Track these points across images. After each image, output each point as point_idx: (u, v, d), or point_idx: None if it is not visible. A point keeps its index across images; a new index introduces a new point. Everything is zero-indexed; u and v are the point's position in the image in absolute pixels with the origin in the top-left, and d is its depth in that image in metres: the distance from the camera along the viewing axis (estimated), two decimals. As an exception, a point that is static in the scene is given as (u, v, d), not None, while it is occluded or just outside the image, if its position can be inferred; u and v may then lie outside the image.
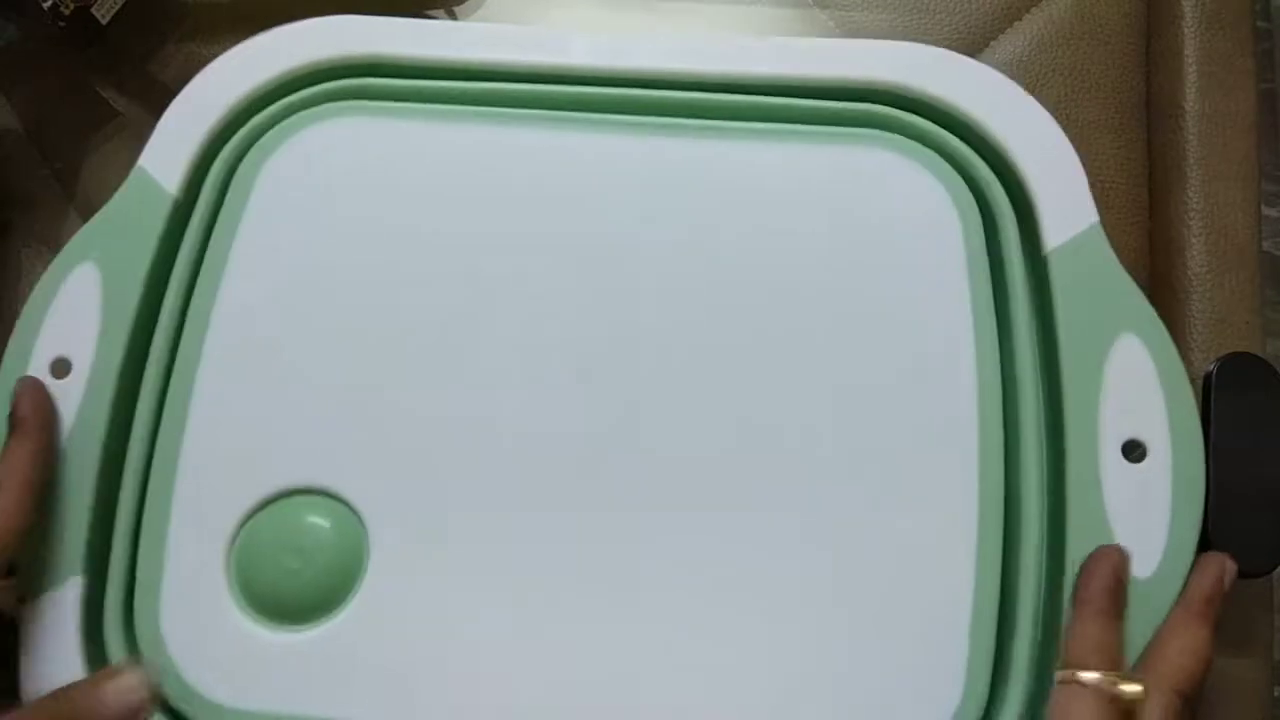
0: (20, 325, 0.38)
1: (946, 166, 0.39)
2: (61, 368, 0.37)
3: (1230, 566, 0.34)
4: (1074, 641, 0.32)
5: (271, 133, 0.40)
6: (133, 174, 0.40)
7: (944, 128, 0.39)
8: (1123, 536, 0.34)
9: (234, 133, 0.41)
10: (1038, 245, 0.37)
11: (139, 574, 0.36)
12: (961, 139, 0.39)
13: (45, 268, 0.39)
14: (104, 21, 0.47)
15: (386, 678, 0.34)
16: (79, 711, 0.31)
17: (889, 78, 0.39)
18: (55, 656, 0.35)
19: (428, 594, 0.35)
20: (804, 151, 0.39)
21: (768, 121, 0.40)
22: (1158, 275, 0.43)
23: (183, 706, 0.34)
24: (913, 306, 0.37)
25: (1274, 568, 0.35)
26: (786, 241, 0.38)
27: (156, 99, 0.47)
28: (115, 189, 0.40)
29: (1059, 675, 0.32)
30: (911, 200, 0.38)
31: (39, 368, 0.37)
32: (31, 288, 0.39)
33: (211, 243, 0.39)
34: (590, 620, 0.35)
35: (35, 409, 0.35)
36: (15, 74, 0.49)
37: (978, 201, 0.38)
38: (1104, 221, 0.37)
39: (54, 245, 0.46)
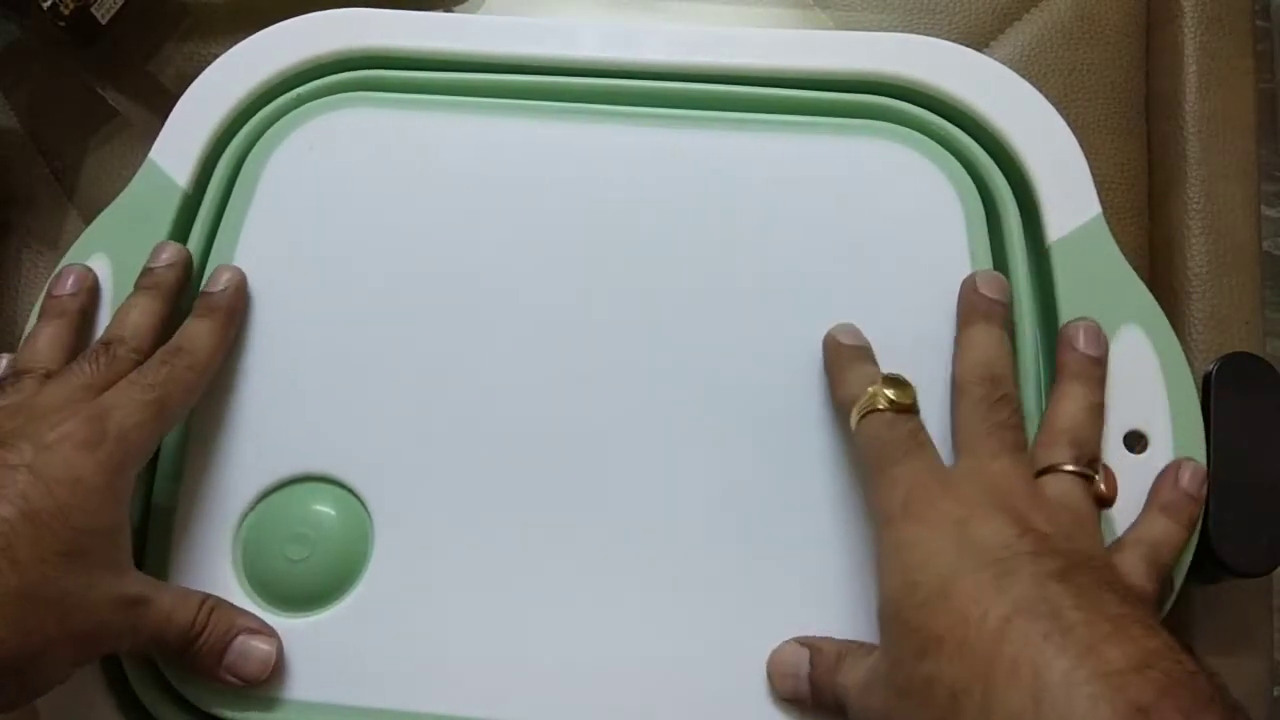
0: (36, 316, 0.38)
1: (950, 158, 0.39)
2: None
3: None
4: (839, 384, 0.34)
5: (279, 125, 0.40)
6: (143, 166, 0.40)
7: (948, 120, 0.39)
8: (1124, 527, 0.34)
9: (243, 125, 0.41)
10: (1040, 237, 0.37)
11: (146, 561, 0.36)
12: (965, 131, 0.39)
13: (45, 267, 0.39)
14: (103, 21, 0.47)
15: (391, 663, 0.34)
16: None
17: (893, 70, 0.40)
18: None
19: (432, 580, 0.35)
20: (809, 143, 0.39)
21: (772, 113, 0.40)
22: (1158, 275, 0.43)
23: (189, 692, 0.34)
24: (916, 297, 0.37)
25: (1274, 568, 0.35)
26: (791, 232, 0.38)
27: (156, 98, 0.47)
28: (115, 188, 0.40)
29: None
30: (915, 192, 0.38)
31: None
32: (31, 286, 0.39)
33: (220, 233, 0.39)
34: (593, 605, 0.35)
35: (234, 293, 0.37)
36: (15, 74, 0.49)
37: (981, 193, 0.38)
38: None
39: (54, 244, 0.46)
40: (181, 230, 0.39)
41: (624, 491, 0.36)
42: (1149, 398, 0.35)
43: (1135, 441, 0.35)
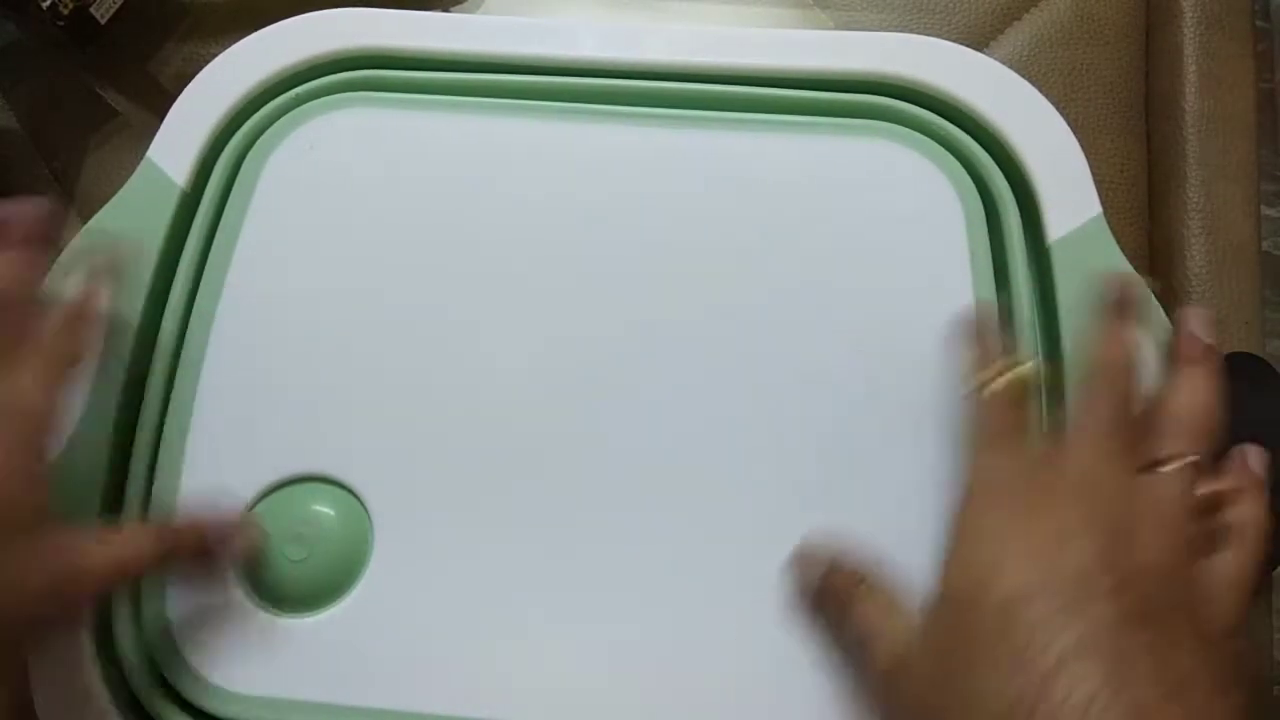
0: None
1: (950, 158, 0.39)
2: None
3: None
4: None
5: (278, 124, 0.40)
6: (141, 165, 0.40)
7: (948, 120, 0.39)
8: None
9: (241, 125, 0.41)
10: (1040, 237, 0.37)
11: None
12: (965, 131, 0.39)
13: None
14: (102, 21, 0.47)
15: (391, 663, 0.34)
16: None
17: (893, 70, 0.40)
18: (63, 644, 0.35)
19: (431, 580, 0.35)
20: (809, 143, 0.39)
21: (772, 113, 0.40)
22: (1158, 275, 0.43)
23: (189, 692, 0.34)
24: (915, 297, 0.37)
25: (1273, 568, 0.35)
26: (791, 233, 0.38)
27: (156, 98, 0.47)
28: (115, 187, 0.40)
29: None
30: (915, 192, 0.38)
31: None
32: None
33: (218, 233, 0.39)
34: (593, 605, 0.35)
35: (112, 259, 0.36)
36: (15, 74, 0.49)
37: (981, 193, 0.38)
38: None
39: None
40: (180, 229, 0.39)
41: (624, 492, 0.36)
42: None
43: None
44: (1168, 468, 0.29)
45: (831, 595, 0.32)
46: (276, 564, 0.35)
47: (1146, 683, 0.24)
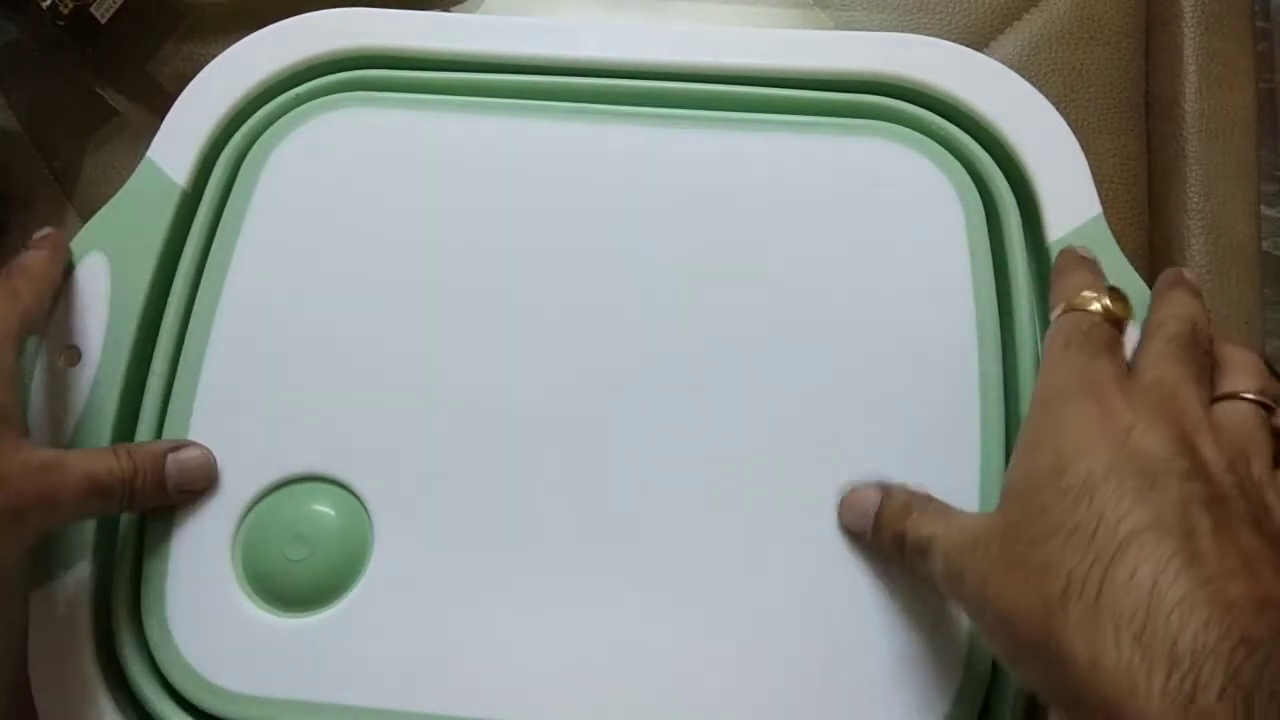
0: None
1: (950, 158, 0.39)
2: (71, 356, 0.38)
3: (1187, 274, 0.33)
4: (1059, 285, 0.33)
5: (278, 124, 0.41)
6: (141, 165, 0.40)
7: (948, 120, 0.40)
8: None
9: (241, 124, 0.41)
10: (1040, 236, 0.37)
11: (146, 560, 0.36)
12: (965, 131, 0.39)
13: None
14: (102, 21, 0.47)
15: (391, 663, 0.34)
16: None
17: (893, 70, 0.40)
18: (63, 643, 0.35)
19: (432, 580, 0.35)
20: (809, 143, 0.39)
21: (772, 113, 0.40)
22: (1158, 275, 0.42)
23: (189, 692, 0.34)
24: (915, 297, 0.37)
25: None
26: (791, 233, 0.38)
27: (156, 98, 0.47)
28: (115, 187, 0.40)
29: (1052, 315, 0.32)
30: (915, 191, 0.38)
31: (49, 357, 0.37)
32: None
33: (218, 233, 0.39)
34: (594, 605, 0.35)
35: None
36: (15, 74, 0.49)
37: (981, 193, 0.38)
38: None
39: (53, 244, 0.46)
40: (180, 229, 0.39)
41: (625, 491, 0.36)
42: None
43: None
44: (1246, 398, 0.30)
45: (887, 523, 0.33)
46: (276, 564, 0.35)
47: (1215, 556, 0.25)
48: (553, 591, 0.35)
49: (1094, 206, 0.37)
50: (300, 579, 0.35)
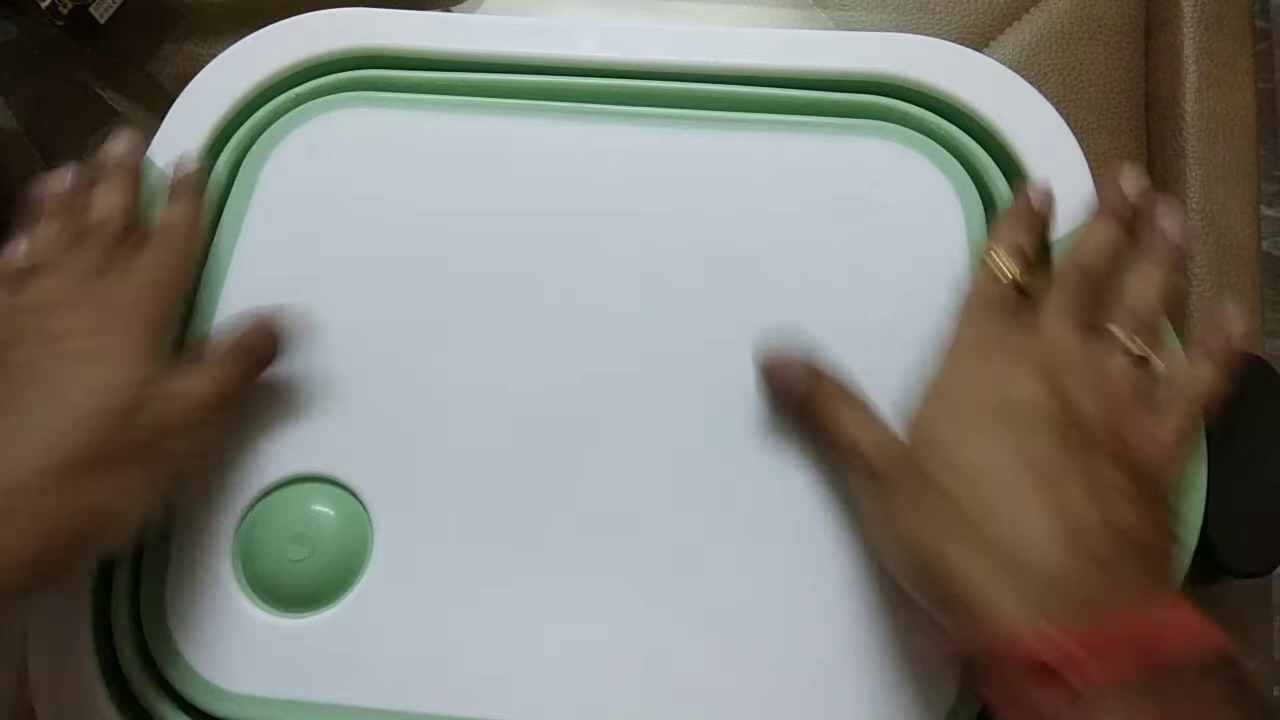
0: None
1: (949, 158, 0.39)
2: None
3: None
4: (993, 233, 0.36)
5: (278, 124, 0.41)
6: (141, 165, 0.40)
7: (947, 119, 0.39)
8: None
9: (241, 124, 0.41)
10: (1041, 236, 0.37)
11: (145, 561, 0.36)
12: (965, 131, 0.39)
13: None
14: (102, 21, 0.47)
15: (391, 663, 0.34)
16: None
17: (893, 70, 0.40)
18: (63, 644, 0.35)
19: (431, 580, 0.35)
20: (808, 143, 0.39)
21: (772, 113, 0.40)
22: (1157, 275, 0.43)
23: (189, 692, 0.34)
24: (915, 297, 0.37)
25: (1274, 568, 0.35)
26: (791, 233, 0.38)
27: (155, 98, 0.47)
28: (114, 187, 0.40)
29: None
30: (914, 191, 0.38)
31: None
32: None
33: (218, 232, 0.39)
34: (593, 604, 0.35)
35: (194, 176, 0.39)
36: (15, 74, 0.49)
37: (980, 193, 0.38)
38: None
39: (53, 244, 0.46)
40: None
41: (626, 492, 0.36)
42: (1149, 398, 0.35)
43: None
44: (1112, 331, 0.33)
45: (814, 403, 0.35)
46: (276, 564, 0.35)
47: (1076, 495, 0.29)
48: (552, 591, 0.35)
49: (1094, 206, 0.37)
50: (300, 579, 0.35)
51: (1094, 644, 0.26)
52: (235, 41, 0.42)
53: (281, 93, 0.41)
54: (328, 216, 0.39)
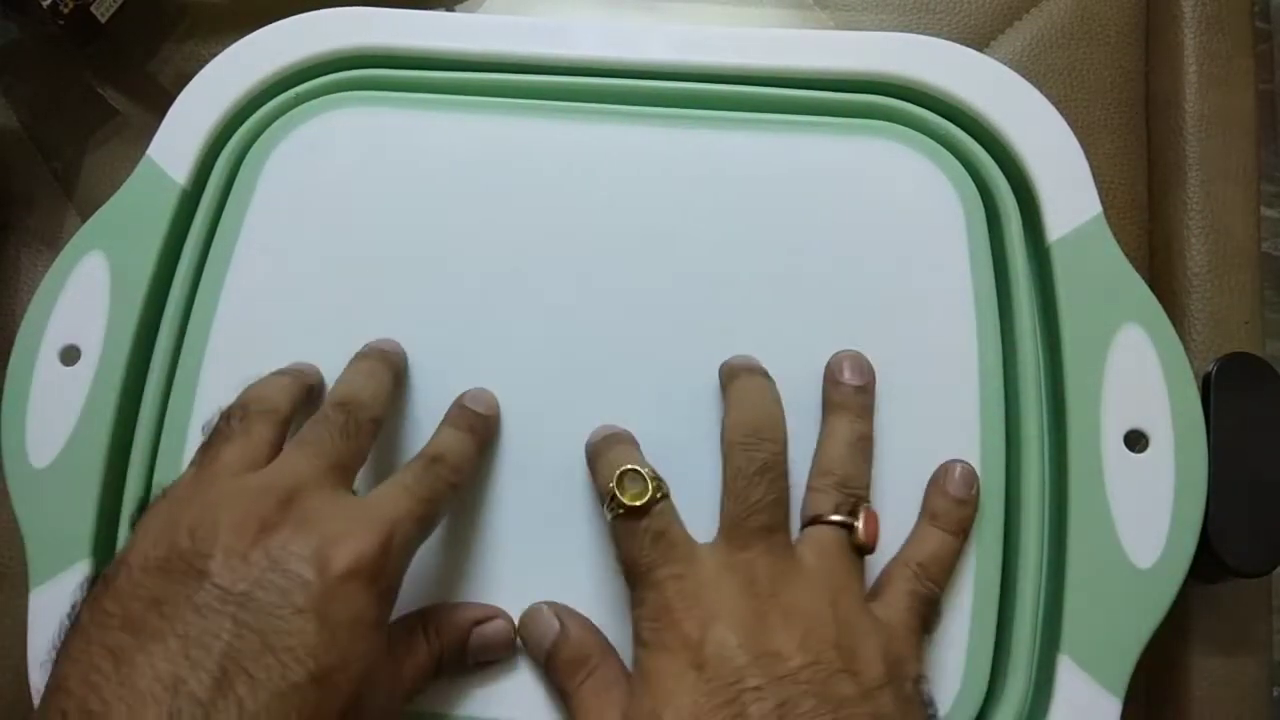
0: (30, 313, 0.38)
1: (950, 158, 0.39)
2: (70, 355, 0.38)
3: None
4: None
5: (278, 123, 0.41)
6: (141, 164, 0.40)
7: (948, 120, 0.39)
8: (1124, 527, 0.34)
9: (241, 123, 0.41)
10: (1040, 236, 0.37)
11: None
12: (965, 131, 0.39)
13: (45, 267, 0.39)
14: (103, 20, 0.47)
15: None
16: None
17: (893, 70, 0.40)
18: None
19: (431, 579, 0.35)
20: (809, 143, 0.39)
21: (772, 113, 0.40)
22: (1158, 275, 0.43)
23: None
24: (915, 297, 0.37)
25: (1273, 568, 0.35)
26: (791, 233, 0.38)
27: (156, 97, 0.47)
28: (115, 187, 0.40)
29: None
30: (915, 191, 0.38)
31: (48, 355, 0.38)
32: (31, 286, 0.39)
33: (218, 232, 0.39)
34: (593, 605, 0.34)
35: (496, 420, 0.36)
36: (15, 73, 0.49)
37: (981, 192, 0.38)
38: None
39: (53, 244, 0.46)
40: (180, 228, 0.39)
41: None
42: (1150, 397, 0.35)
43: (1136, 441, 0.35)
44: (819, 526, 0.32)
45: (559, 669, 0.33)
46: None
47: None
48: (554, 591, 0.35)
49: (1094, 206, 0.37)
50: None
51: None
52: (235, 41, 0.42)
53: (281, 92, 0.41)
54: (328, 216, 0.39)
